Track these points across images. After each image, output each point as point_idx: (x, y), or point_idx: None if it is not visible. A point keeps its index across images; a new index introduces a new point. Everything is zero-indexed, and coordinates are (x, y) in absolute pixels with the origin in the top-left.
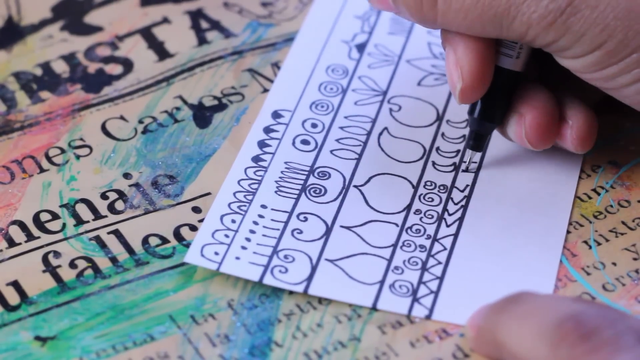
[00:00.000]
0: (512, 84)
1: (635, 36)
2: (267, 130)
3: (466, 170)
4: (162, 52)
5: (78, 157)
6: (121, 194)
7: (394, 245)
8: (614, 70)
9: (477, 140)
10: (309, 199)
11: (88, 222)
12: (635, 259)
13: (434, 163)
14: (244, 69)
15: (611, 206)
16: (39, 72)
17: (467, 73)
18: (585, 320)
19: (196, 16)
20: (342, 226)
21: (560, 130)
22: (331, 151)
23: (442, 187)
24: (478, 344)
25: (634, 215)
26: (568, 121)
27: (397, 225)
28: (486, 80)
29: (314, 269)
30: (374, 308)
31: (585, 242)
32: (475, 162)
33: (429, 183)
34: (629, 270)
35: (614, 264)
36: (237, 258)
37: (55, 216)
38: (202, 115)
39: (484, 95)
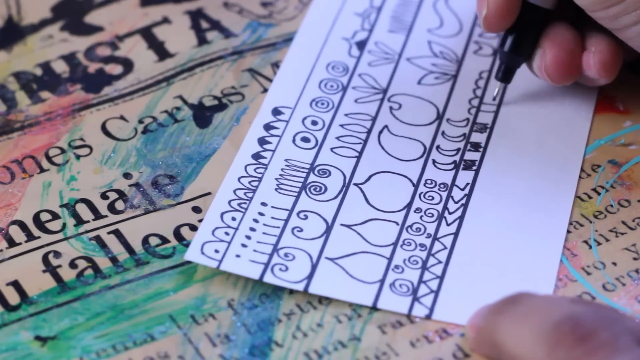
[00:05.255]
0: (541, 20)
1: None
2: (267, 127)
3: (494, 99)
4: (162, 52)
5: (78, 157)
6: (121, 194)
7: (394, 244)
8: (616, 10)
9: (506, 73)
10: (309, 196)
11: (88, 222)
12: (635, 259)
13: (434, 161)
14: (244, 69)
15: (611, 206)
16: (39, 72)
17: (492, 1)
18: (582, 322)
19: (196, 16)
20: (342, 224)
21: (583, 60)
22: (331, 149)
23: (442, 186)
24: (477, 344)
25: (634, 215)
26: (590, 49)
27: (397, 223)
28: (511, 11)
29: (314, 267)
30: (374, 307)
31: (586, 241)
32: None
33: (429, 181)
34: (629, 270)
35: (614, 263)
36: (238, 256)
37: (55, 216)
38: (202, 115)
39: (514, 29)
